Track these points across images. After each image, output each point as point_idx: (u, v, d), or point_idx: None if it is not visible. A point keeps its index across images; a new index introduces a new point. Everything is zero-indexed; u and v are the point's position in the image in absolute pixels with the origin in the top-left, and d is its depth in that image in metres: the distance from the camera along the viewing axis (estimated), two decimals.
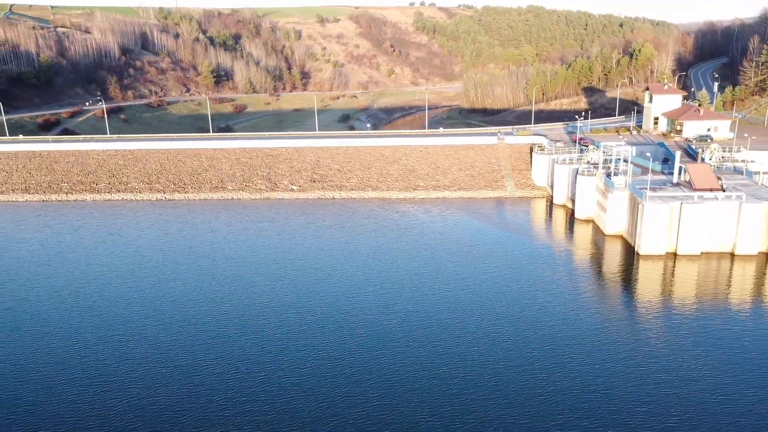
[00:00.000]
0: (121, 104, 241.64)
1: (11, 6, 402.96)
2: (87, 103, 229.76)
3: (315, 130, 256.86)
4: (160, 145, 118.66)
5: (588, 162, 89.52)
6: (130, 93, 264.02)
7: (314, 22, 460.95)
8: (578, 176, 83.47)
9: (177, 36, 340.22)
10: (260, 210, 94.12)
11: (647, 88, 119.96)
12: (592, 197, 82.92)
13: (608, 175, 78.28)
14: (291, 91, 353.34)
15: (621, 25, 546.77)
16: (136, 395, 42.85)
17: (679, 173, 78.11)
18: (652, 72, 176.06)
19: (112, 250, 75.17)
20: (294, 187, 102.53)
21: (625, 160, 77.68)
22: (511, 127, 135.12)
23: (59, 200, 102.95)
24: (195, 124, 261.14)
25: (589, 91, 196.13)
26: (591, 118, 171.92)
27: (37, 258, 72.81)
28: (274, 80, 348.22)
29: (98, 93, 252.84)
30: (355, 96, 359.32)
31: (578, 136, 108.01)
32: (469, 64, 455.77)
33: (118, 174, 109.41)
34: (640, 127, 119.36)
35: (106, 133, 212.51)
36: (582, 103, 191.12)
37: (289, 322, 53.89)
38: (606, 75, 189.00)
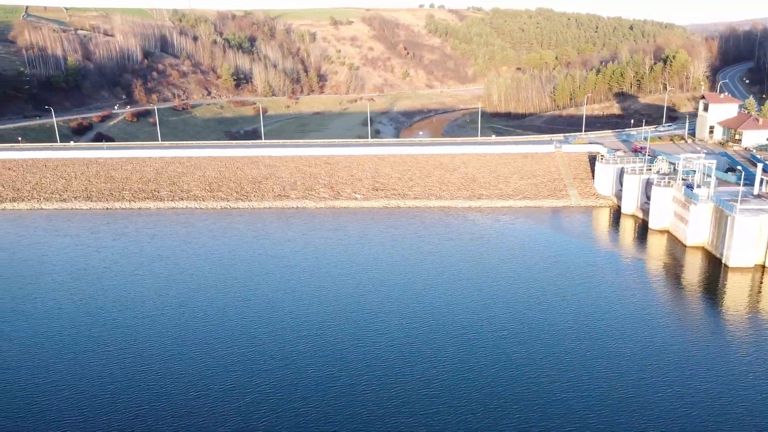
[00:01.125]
0: (148, 107, 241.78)
1: (27, 7, 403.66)
2: (115, 107, 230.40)
3: (338, 134, 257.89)
4: (213, 153, 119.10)
5: (658, 172, 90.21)
6: (154, 96, 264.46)
7: (327, 24, 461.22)
8: (654, 187, 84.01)
9: (196, 38, 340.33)
10: (328, 218, 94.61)
11: (703, 97, 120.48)
12: (668, 208, 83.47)
13: (689, 186, 78.87)
14: (309, 94, 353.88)
15: (631, 28, 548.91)
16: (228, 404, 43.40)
17: (761, 184, 78.71)
18: (687, 78, 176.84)
19: (196, 260, 75.50)
20: (358, 196, 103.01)
21: (708, 174, 78.34)
22: (562, 135, 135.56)
23: (123, 208, 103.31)
24: (219, 127, 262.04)
25: (621, 96, 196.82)
26: (627, 126, 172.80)
27: (125, 266, 73.12)
28: (292, 83, 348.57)
29: (123, 96, 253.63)
30: (372, 99, 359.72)
31: (638, 145, 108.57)
32: (483, 66, 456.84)
33: (178, 182, 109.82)
34: (694, 135, 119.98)
35: (139, 138, 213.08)
36: (614, 108, 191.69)
37: (385, 331, 54.40)
38: (639, 81, 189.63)
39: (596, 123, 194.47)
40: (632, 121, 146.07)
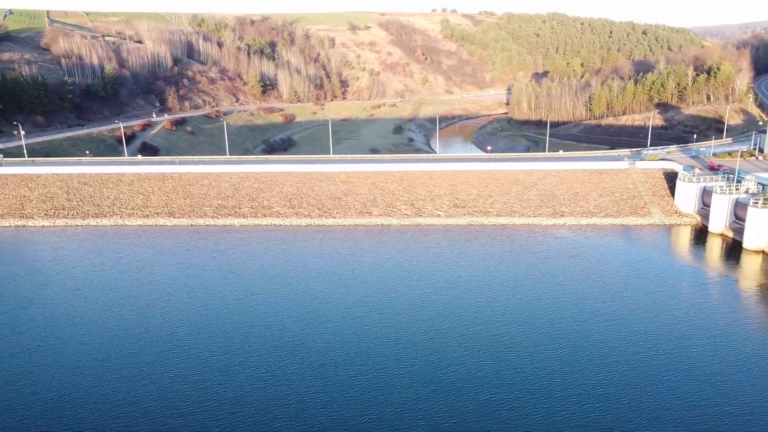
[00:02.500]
0: (183, 115, 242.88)
1: (48, 12, 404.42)
2: (153, 115, 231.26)
3: (371, 141, 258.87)
4: (287, 168, 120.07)
5: (747, 192, 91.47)
6: (186, 104, 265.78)
7: (345, 29, 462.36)
8: (749, 208, 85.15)
9: (220, 45, 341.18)
10: (417, 236, 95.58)
11: None
12: (765, 228, 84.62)
13: None
14: (332, 100, 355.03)
15: (644, 33, 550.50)
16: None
17: None
18: (733, 90, 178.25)
19: (307, 279, 76.21)
20: (440, 213, 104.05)
21: None
22: (629, 149, 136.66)
23: (206, 225, 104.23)
24: (252, 135, 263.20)
25: (662, 107, 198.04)
26: (674, 138, 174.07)
27: (239, 285, 73.89)
28: (316, 89, 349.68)
29: (157, 104, 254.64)
30: (395, 105, 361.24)
31: (715, 162, 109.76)
32: (500, 72, 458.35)
33: (257, 198, 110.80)
34: (761, 150, 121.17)
35: (179, 146, 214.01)
36: (656, 119, 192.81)
37: (488, 350, 55.40)
38: (681, 92, 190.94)
39: (639, 134, 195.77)
40: (695, 135, 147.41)
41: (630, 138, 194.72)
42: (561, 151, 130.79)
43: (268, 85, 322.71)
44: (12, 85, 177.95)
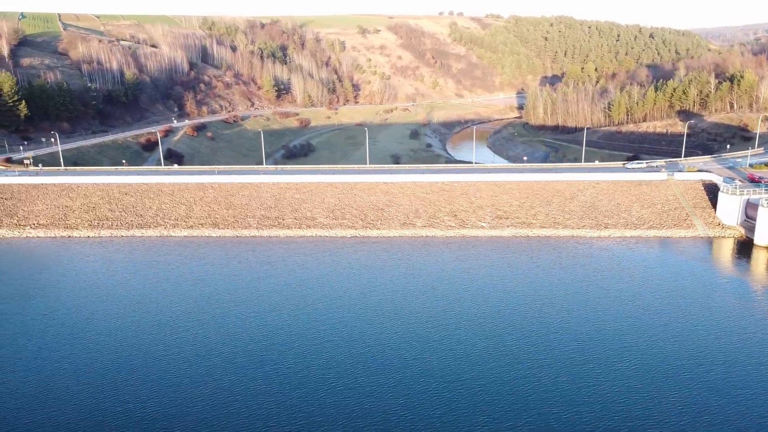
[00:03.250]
0: (203, 121, 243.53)
1: (60, 15, 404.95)
2: (174, 121, 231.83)
3: (388, 146, 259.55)
4: (326, 178, 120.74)
5: None
6: (204, 109, 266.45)
7: (355, 33, 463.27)
8: None
9: (234, 49, 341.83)
10: (462, 248, 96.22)
11: None
12: None
13: None
14: (344, 104, 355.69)
15: (651, 36, 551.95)
16: None
17: None
18: (757, 97, 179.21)
19: (365, 291, 76.83)
20: (484, 225, 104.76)
21: None
22: (663, 159, 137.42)
23: (252, 236, 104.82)
24: (269, 139, 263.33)
25: (684, 114, 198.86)
26: (692, 144, 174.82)
27: (301, 297, 74.54)
28: (329, 93, 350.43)
29: (176, 109, 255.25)
30: (407, 109, 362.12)
31: (756, 174, 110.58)
32: (510, 76, 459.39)
33: (300, 209, 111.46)
34: None
35: (201, 152, 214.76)
36: (678, 126, 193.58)
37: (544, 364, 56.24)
38: (704, 100, 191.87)
39: (661, 141, 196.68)
40: (726, 145, 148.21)
41: (652, 145, 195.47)
42: (597, 162, 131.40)
43: (282, 90, 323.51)
44: (39, 92, 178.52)
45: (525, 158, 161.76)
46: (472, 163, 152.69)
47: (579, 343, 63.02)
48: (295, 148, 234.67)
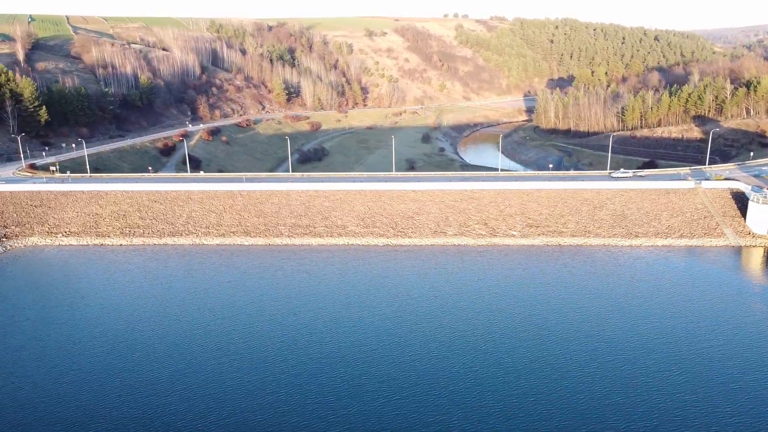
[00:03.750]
0: (217, 125, 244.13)
1: (68, 18, 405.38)
2: (189, 125, 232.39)
3: (401, 150, 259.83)
4: (355, 186, 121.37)
5: None
6: (217, 112, 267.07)
7: (362, 35, 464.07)
8: None
9: (244, 52, 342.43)
10: (495, 256, 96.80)
11: None
12: None
13: None
14: (353, 107, 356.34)
15: (656, 39, 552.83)
16: None
17: None
18: None
19: (409, 300, 77.43)
20: (515, 233, 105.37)
21: None
22: (688, 167, 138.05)
23: (284, 244, 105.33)
24: (281, 143, 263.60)
25: (700, 120, 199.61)
26: (710, 150, 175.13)
27: (344, 306, 75.14)
28: (338, 96, 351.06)
29: (189, 113, 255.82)
30: (416, 112, 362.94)
31: None
32: (517, 78, 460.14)
33: (330, 216, 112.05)
34: None
35: (218, 156, 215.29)
36: (694, 132, 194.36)
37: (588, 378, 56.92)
38: (720, 105, 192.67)
39: (677, 146, 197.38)
40: (750, 151, 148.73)
41: (668, 150, 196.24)
42: (621, 170, 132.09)
43: (292, 93, 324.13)
44: (58, 97, 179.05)
45: (551, 166, 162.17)
46: (497, 170, 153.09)
47: (625, 354, 63.65)
48: (309, 152, 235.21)
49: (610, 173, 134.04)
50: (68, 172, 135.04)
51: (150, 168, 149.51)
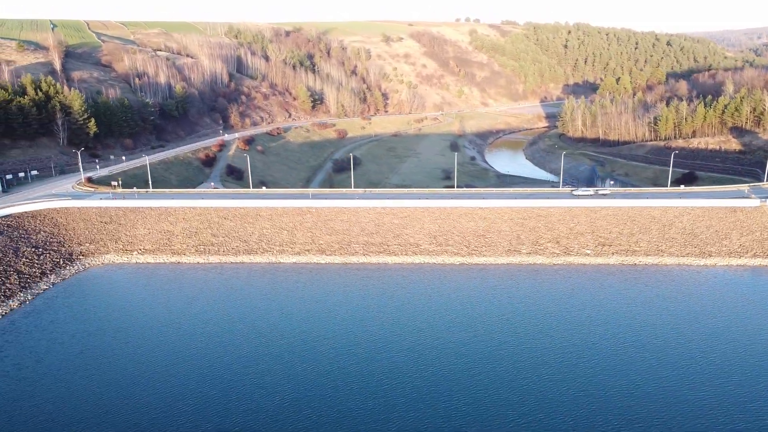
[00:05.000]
0: (250, 133, 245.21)
1: (88, 24, 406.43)
2: (224, 135, 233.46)
3: (430, 158, 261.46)
4: (422, 203, 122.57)
5: None
6: (247, 121, 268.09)
7: (379, 41, 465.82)
8: None
9: (267, 58, 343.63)
10: (571, 275, 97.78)
11: None
12: None
13: None
14: (374, 114, 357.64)
15: (669, 44, 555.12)
16: None
17: None
18: None
19: (491, 319, 78.65)
20: (588, 252, 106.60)
21: None
22: (747, 185, 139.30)
23: (360, 263, 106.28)
24: (312, 152, 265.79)
25: (738, 131, 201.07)
26: (748, 162, 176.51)
27: (444, 327, 76.29)
28: (361, 103, 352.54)
29: (221, 122, 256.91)
30: (437, 119, 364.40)
31: None
32: (533, 84, 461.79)
33: (401, 234, 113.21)
34: None
35: (256, 167, 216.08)
36: (732, 144, 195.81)
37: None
38: (758, 117, 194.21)
39: (715, 158, 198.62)
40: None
41: (706, 162, 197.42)
42: (682, 186, 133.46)
43: (316, 100, 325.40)
44: (103, 109, 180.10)
45: (611, 182, 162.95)
46: (558, 186, 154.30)
47: (722, 380, 64.91)
48: (343, 162, 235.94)
49: (572, 191, 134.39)
50: (134, 188, 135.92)
51: (213, 184, 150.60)
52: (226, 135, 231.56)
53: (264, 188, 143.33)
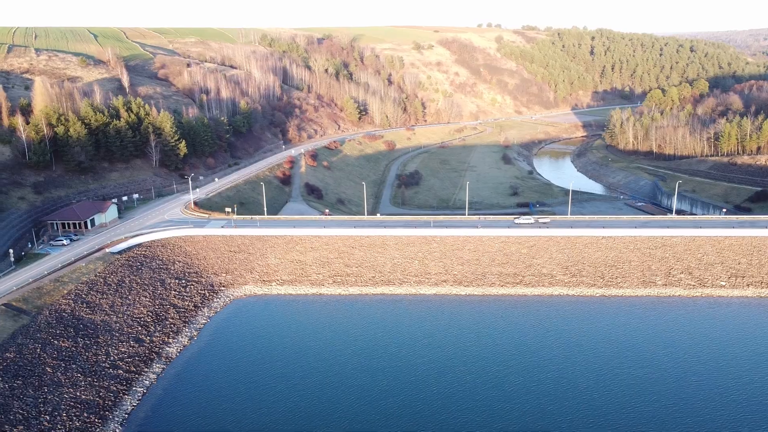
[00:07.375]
0: (308, 147, 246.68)
1: (125, 33, 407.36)
2: (290, 150, 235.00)
3: (485, 171, 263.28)
4: (548, 232, 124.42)
5: None
6: (303, 134, 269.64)
7: (410, 48, 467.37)
8: None
9: (309, 68, 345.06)
10: (713, 307, 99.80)
11: None
12: None
13: None
14: (415, 124, 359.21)
15: (692, 49, 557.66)
16: None
17: None
18: None
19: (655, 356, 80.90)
20: (723, 283, 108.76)
21: None
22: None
23: (497, 294, 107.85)
24: (368, 165, 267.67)
25: None
26: None
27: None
28: (403, 113, 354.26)
29: (280, 136, 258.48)
30: (475, 128, 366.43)
31: None
32: (563, 91, 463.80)
33: (532, 264, 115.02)
34: None
35: (328, 183, 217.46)
36: None
37: None
38: None
39: None
40: None
41: None
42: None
43: (362, 111, 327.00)
44: (187, 128, 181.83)
45: (725, 211, 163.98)
46: (669, 213, 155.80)
47: None
48: (407, 178, 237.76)
49: (514, 219, 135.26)
50: (258, 218, 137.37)
51: (327, 211, 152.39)
52: (293, 150, 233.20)
53: (378, 214, 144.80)
